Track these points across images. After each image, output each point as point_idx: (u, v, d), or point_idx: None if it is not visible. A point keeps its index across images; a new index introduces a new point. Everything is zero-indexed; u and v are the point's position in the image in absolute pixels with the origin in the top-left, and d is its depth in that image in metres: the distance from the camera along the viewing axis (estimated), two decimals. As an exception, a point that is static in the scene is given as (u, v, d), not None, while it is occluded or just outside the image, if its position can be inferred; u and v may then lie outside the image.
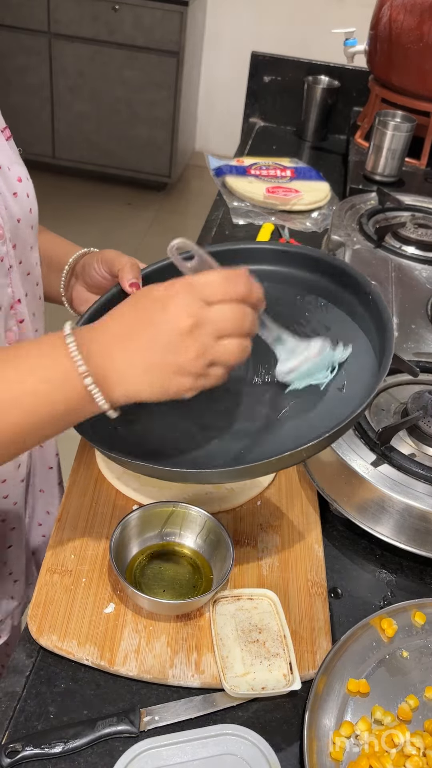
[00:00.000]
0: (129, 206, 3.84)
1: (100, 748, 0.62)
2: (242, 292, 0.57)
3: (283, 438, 0.70)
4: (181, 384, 0.57)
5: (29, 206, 0.78)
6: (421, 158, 1.68)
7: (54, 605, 0.71)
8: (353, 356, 0.74)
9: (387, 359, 0.67)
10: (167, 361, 0.56)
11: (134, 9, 3.36)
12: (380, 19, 1.60)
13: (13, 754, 0.60)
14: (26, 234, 0.78)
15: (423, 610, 0.75)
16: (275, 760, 0.61)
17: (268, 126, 2.06)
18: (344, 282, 0.80)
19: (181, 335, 0.55)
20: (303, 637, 0.71)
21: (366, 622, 0.72)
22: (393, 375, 0.96)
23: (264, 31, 3.72)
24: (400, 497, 0.78)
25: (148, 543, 0.77)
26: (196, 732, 0.63)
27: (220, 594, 0.73)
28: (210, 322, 0.56)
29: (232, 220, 1.52)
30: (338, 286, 0.80)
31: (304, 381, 0.72)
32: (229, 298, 0.57)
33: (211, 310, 0.56)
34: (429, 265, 1.25)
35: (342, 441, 0.84)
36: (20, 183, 0.76)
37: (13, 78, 3.65)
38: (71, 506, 0.82)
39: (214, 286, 0.56)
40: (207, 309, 0.56)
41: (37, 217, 0.81)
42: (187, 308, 0.55)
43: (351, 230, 1.33)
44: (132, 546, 0.76)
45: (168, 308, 0.55)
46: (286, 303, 0.82)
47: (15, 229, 0.76)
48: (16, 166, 0.77)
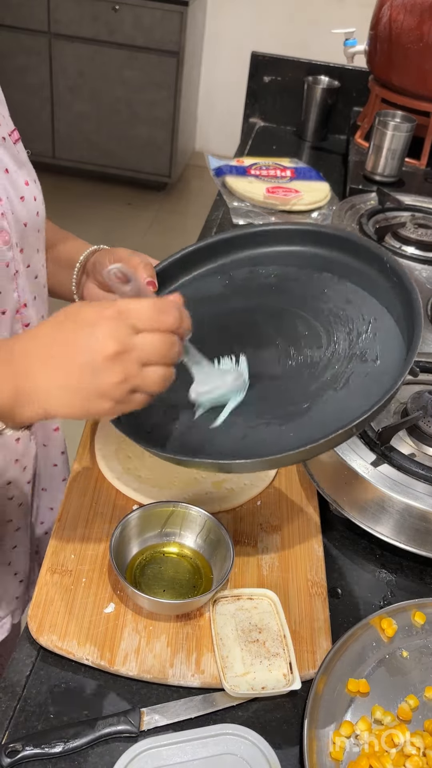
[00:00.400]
0: (129, 206, 3.84)
1: (100, 748, 0.62)
2: (172, 323, 0.58)
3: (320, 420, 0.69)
4: (100, 407, 0.57)
5: (36, 210, 0.78)
6: (421, 158, 1.68)
7: (54, 605, 0.71)
8: (378, 332, 0.74)
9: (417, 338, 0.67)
10: (90, 384, 0.56)
11: (134, 9, 3.36)
12: (380, 19, 1.61)
13: (13, 754, 0.60)
14: (33, 238, 0.78)
15: (423, 610, 0.75)
16: (275, 759, 0.61)
17: (268, 126, 2.06)
18: (360, 255, 0.79)
19: (105, 360, 0.55)
20: (303, 636, 0.72)
21: (366, 622, 0.72)
22: (393, 375, 0.96)
23: (264, 31, 3.72)
24: (400, 497, 0.78)
25: (148, 543, 0.78)
26: (196, 732, 0.63)
27: (220, 594, 0.73)
28: (135, 350, 0.56)
29: (232, 220, 1.52)
30: (355, 259, 0.80)
31: (212, 403, 0.73)
32: (158, 327, 0.57)
33: (138, 337, 0.56)
34: (429, 265, 1.25)
35: (342, 441, 0.84)
36: (27, 187, 0.76)
37: (13, 78, 3.65)
38: (71, 506, 0.82)
39: (143, 314, 0.57)
40: (134, 336, 0.56)
41: (44, 221, 0.81)
42: (114, 334, 0.55)
43: (351, 230, 1.33)
44: (132, 546, 0.77)
45: (95, 332, 0.55)
46: (302, 282, 0.82)
47: (22, 233, 0.75)
48: (23, 169, 0.76)
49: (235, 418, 0.72)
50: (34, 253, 0.80)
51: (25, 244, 0.77)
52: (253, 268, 0.84)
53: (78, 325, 0.57)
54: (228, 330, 0.80)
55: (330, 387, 0.71)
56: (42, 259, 0.82)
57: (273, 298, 0.81)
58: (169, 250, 0.86)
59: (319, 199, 1.60)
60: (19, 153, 0.77)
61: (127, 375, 0.56)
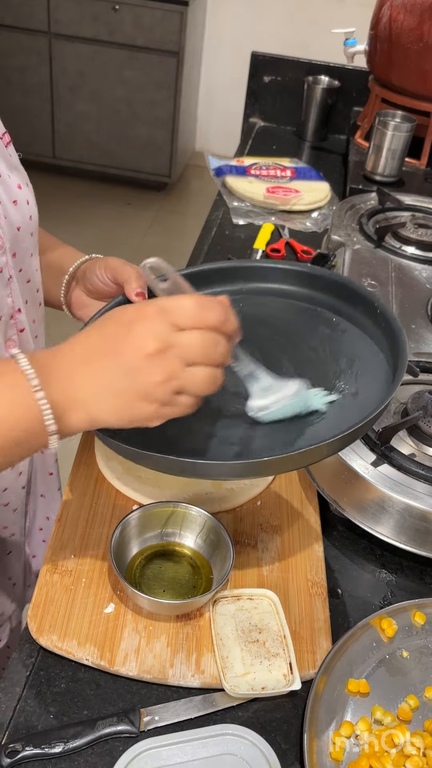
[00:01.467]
0: (129, 206, 3.84)
1: (100, 748, 0.62)
2: (216, 320, 0.55)
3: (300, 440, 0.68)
4: (145, 411, 0.55)
5: (29, 213, 0.77)
6: (421, 158, 1.68)
7: (54, 605, 0.71)
8: (366, 367, 0.74)
9: (401, 370, 0.67)
10: (131, 385, 0.53)
11: (134, 9, 3.36)
12: (380, 19, 1.60)
13: (13, 754, 0.60)
14: (26, 242, 0.78)
15: (423, 610, 0.75)
16: (275, 760, 0.61)
17: (268, 126, 2.06)
18: (349, 297, 0.81)
19: (145, 359, 0.53)
20: (303, 637, 0.71)
21: (366, 622, 0.72)
22: (393, 375, 0.96)
23: (264, 31, 3.72)
24: (400, 497, 0.78)
25: (148, 543, 0.78)
26: (196, 732, 0.63)
27: (220, 594, 0.73)
28: (177, 347, 0.53)
29: (232, 220, 1.52)
30: (342, 300, 0.82)
31: (275, 419, 0.69)
32: (202, 325, 0.54)
33: (181, 335, 0.54)
34: (429, 265, 1.25)
35: (342, 441, 0.84)
36: (20, 190, 0.75)
37: (13, 78, 3.65)
38: (71, 506, 0.82)
39: (186, 311, 0.54)
40: (176, 334, 0.54)
41: (37, 224, 0.80)
42: (153, 331, 0.53)
43: (351, 230, 1.33)
44: (132, 546, 0.76)
45: (134, 330, 0.53)
46: (291, 319, 0.82)
47: (15, 237, 0.75)
48: (15, 172, 0.76)
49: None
50: (27, 257, 0.79)
51: (18, 249, 0.76)
52: (245, 299, 0.85)
53: (118, 326, 0.55)
54: None
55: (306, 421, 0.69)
56: (35, 263, 0.82)
57: (261, 331, 0.81)
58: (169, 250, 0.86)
59: (319, 199, 1.60)
60: (10, 156, 0.76)
61: (169, 374, 0.53)
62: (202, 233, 1.48)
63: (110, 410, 0.55)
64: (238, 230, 1.50)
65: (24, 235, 0.77)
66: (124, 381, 0.53)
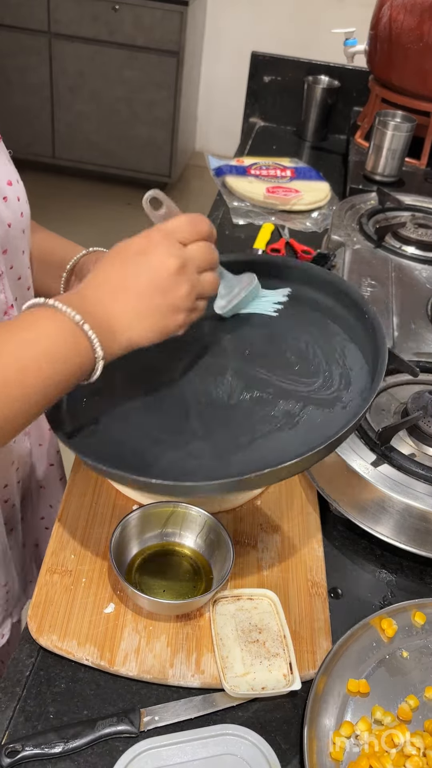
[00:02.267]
0: (129, 206, 3.84)
1: (100, 748, 0.62)
2: (207, 231, 0.65)
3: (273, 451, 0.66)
4: (177, 321, 0.63)
5: (20, 210, 0.77)
6: (421, 158, 1.68)
7: (54, 605, 0.71)
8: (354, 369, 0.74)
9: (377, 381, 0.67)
10: (164, 302, 0.62)
11: (134, 9, 3.36)
12: (380, 19, 1.60)
13: (13, 754, 0.60)
14: (17, 239, 0.77)
15: (423, 610, 0.75)
16: (275, 760, 0.61)
17: (268, 126, 2.06)
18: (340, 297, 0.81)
19: (171, 276, 0.61)
20: (303, 637, 0.71)
21: (366, 622, 0.72)
22: (393, 375, 0.96)
23: (264, 31, 3.72)
24: (400, 497, 0.78)
25: (148, 543, 0.78)
26: (196, 732, 0.63)
27: (220, 594, 0.73)
28: (192, 260, 0.63)
29: (232, 220, 1.52)
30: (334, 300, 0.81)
31: (234, 311, 0.78)
32: (199, 237, 0.64)
33: (188, 249, 0.63)
34: (429, 265, 1.25)
35: (342, 441, 0.84)
36: (10, 186, 0.75)
37: (13, 78, 3.65)
38: (71, 506, 0.82)
39: (184, 229, 0.63)
40: (185, 249, 0.63)
41: (28, 221, 0.80)
42: (171, 251, 0.62)
43: (351, 230, 1.33)
44: (132, 546, 0.76)
45: (154, 256, 0.61)
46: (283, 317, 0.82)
47: (5, 234, 0.75)
48: (5, 168, 0.75)
49: None
50: (19, 254, 0.79)
51: (9, 246, 0.76)
52: None
53: (134, 256, 0.62)
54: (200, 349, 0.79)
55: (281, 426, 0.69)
56: (27, 261, 0.81)
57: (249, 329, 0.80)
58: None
59: (319, 199, 1.60)
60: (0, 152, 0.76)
61: (192, 284, 0.63)
62: (202, 233, 1.47)
63: (148, 328, 0.62)
64: (238, 230, 1.50)
65: (15, 232, 0.76)
66: (158, 299, 0.61)
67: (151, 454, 0.68)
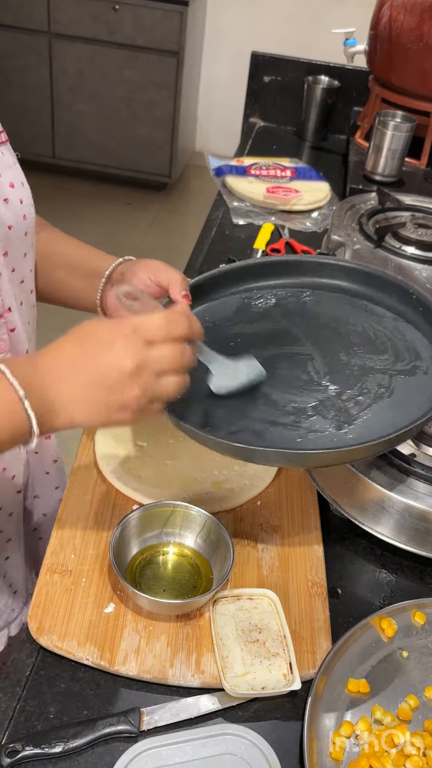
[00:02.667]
0: (129, 206, 3.84)
1: (100, 748, 0.62)
2: (181, 331, 0.62)
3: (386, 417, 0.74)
4: (121, 418, 0.61)
5: (23, 212, 0.76)
6: (421, 158, 1.68)
7: (54, 605, 0.71)
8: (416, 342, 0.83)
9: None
10: (112, 399, 0.60)
11: (134, 9, 3.36)
12: (380, 19, 1.60)
13: (13, 754, 0.60)
14: (19, 241, 0.77)
15: (423, 610, 0.75)
16: (275, 759, 0.61)
17: (268, 126, 2.06)
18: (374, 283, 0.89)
19: (123, 376, 0.59)
20: (303, 636, 0.72)
21: (366, 622, 0.72)
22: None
23: (264, 31, 3.72)
24: (400, 497, 0.78)
25: (148, 543, 0.78)
26: (195, 732, 0.63)
27: (220, 594, 0.73)
28: (151, 363, 0.60)
29: (232, 220, 1.52)
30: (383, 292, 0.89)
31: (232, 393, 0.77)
32: (169, 338, 0.61)
33: (153, 350, 0.60)
34: (429, 265, 1.25)
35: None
36: (12, 189, 0.75)
37: (13, 78, 3.65)
38: (71, 506, 0.82)
39: (155, 327, 0.61)
40: (148, 350, 0.60)
41: (32, 224, 0.79)
42: (130, 351, 0.59)
43: (351, 230, 1.33)
44: (132, 546, 0.77)
45: (113, 350, 0.59)
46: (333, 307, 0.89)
47: (6, 236, 0.74)
48: (9, 171, 0.75)
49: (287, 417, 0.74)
50: (21, 257, 0.78)
51: (10, 248, 0.76)
52: (288, 292, 0.91)
53: (97, 343, 0.61)
54: (272, 341, 0.84)
55: (379, 396, 0.76)
56: (30, 264, 0.81)
57: (307, 320, 0.87)
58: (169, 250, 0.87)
59: (319, 199, 1.60)
60: (4, 154, 0.75)
61: (144, 388, 0.60)
62: (202, 233, 1.48)
63: (90, 417, 0.61)
64: (238, 230, 1.50)
65: (17, 234, 0.76)
66: (105, 394, 0.60)
67: (271, 435, 0.73)
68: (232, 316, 0.88)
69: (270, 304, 0.89)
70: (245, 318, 0.88)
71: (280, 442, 0.71)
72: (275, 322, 0.87)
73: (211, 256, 1.39)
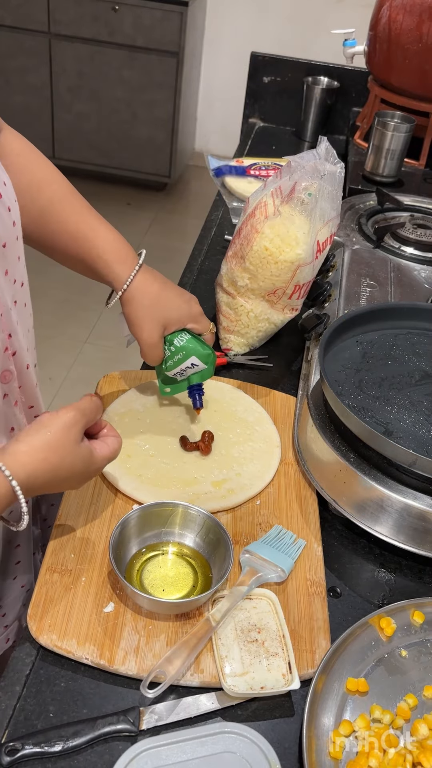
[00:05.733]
0: (129, 206, 3.85)
1: (99, 747, 0.63)
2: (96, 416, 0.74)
3: None
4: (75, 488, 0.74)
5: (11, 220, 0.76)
6: (420, 158, 1.68)
7: (54, 604, 0.71)
8: None
9: None
10: (76, 483, 0.72)
11: (134, 9, 3.36)
12: (379, 20, 1.61)
13: (13, 753, 0.60)
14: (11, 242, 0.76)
15: (422, 609, 0.75)
16: (274, 756, 0.61)
17: (268, 126, 2.06)
18: None
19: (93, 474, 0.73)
20: (302, 636, 0.72)
21: (365, 621, 0.72)
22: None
23: (264, 31, 3.72)
24: (399, 497, 0.78)
25: (148, 542, 0.78)
26: (195, 731, 0.63)
27: (220, 593, 0.73)
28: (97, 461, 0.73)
29: (231, 220, 1.52)
30: None
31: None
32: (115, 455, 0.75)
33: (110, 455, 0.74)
34: (428, 266, 1.25)
35: (341, 441, 0.84)
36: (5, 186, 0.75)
37: (13, 78, 3.65)
38: (71, 506, 0.82)
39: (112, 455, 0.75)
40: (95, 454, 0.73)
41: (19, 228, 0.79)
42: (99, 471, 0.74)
43: (350, 230, 1.33)
44: (132, 545, 0.77)
45: (89, 472, 0.72)
46: None
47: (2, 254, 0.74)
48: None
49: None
50: (14, 261, 0.78)
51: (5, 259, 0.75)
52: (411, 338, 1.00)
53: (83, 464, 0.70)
54: None
55: None
56: (22, 267, 0.81)
57: None
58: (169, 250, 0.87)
59: (318, 200, 1.60)
60: None
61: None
62: (202, 233, 1.48)
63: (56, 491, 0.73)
64: (237, 230, 1.49)
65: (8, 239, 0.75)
66: (74, 484, 0.72)
67: None
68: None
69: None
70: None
71: None
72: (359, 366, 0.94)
73: (210, 257, 1.39)
